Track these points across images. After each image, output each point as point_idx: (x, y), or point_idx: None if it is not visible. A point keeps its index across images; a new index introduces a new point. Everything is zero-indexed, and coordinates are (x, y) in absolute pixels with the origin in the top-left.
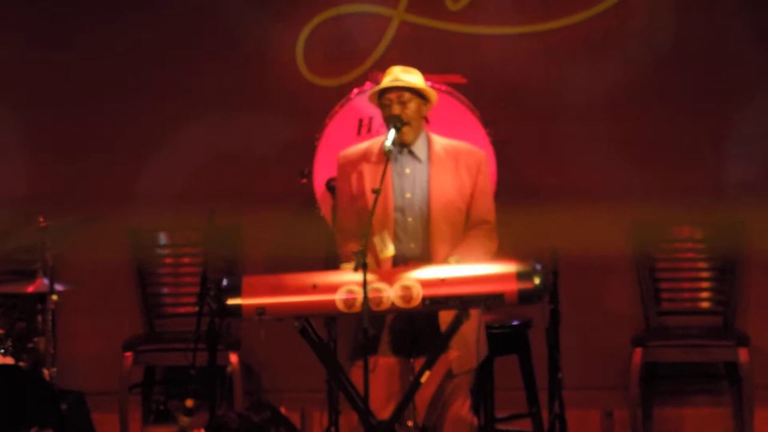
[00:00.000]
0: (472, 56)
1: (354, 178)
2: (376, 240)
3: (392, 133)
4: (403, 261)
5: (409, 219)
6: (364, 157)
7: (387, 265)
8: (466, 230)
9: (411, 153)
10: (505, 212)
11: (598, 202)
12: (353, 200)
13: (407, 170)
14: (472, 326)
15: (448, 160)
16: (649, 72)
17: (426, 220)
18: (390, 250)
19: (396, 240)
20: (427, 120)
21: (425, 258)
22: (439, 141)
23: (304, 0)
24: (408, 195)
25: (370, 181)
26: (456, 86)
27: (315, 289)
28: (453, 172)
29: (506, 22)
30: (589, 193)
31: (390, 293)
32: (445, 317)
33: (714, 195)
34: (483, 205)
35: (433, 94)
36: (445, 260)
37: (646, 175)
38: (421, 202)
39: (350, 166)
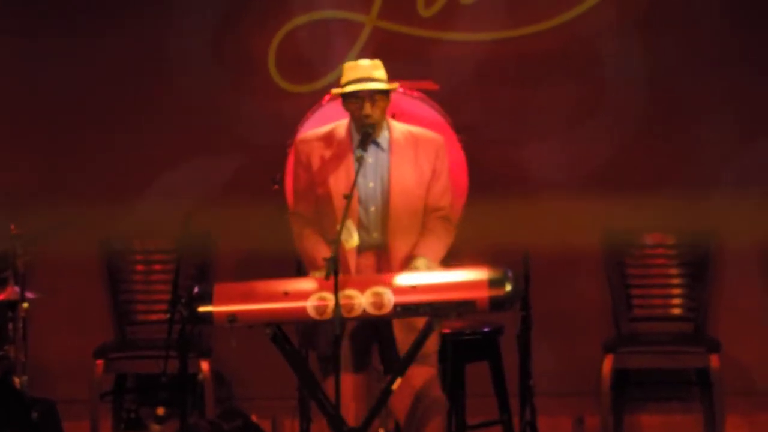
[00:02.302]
0: (444, 62)
1: (315, 163)
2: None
3: (364, 138)
4: (366, 250)
5: (372, 209)
6: (326, 143)
7: (352, 255)
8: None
9: (375, 143)
10: (476, 217)
11: (569, 208)
12: (313, 186)
13: (370, 160)
14: None
15: (407, 148)
16: (621, 76)
17: (387, 209)
18: (355, 239)
19: (360, 229)
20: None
21: (385, 247)
22: (399, 128)
23: (277, 6)
24: (371, 184)
25: (333, 170)
26: (428, 92)
27: (286, 296)
28: (412, 160)
29: (478, 28)
30: (560, 199)
31: (361, 300)
32: (400, 327)
33: (685, 201)
34: (438, 190)
35: (394, 88)
36: (404, 251)
37: (617, 180)
38: (382, 192)
39: (311, 150)
